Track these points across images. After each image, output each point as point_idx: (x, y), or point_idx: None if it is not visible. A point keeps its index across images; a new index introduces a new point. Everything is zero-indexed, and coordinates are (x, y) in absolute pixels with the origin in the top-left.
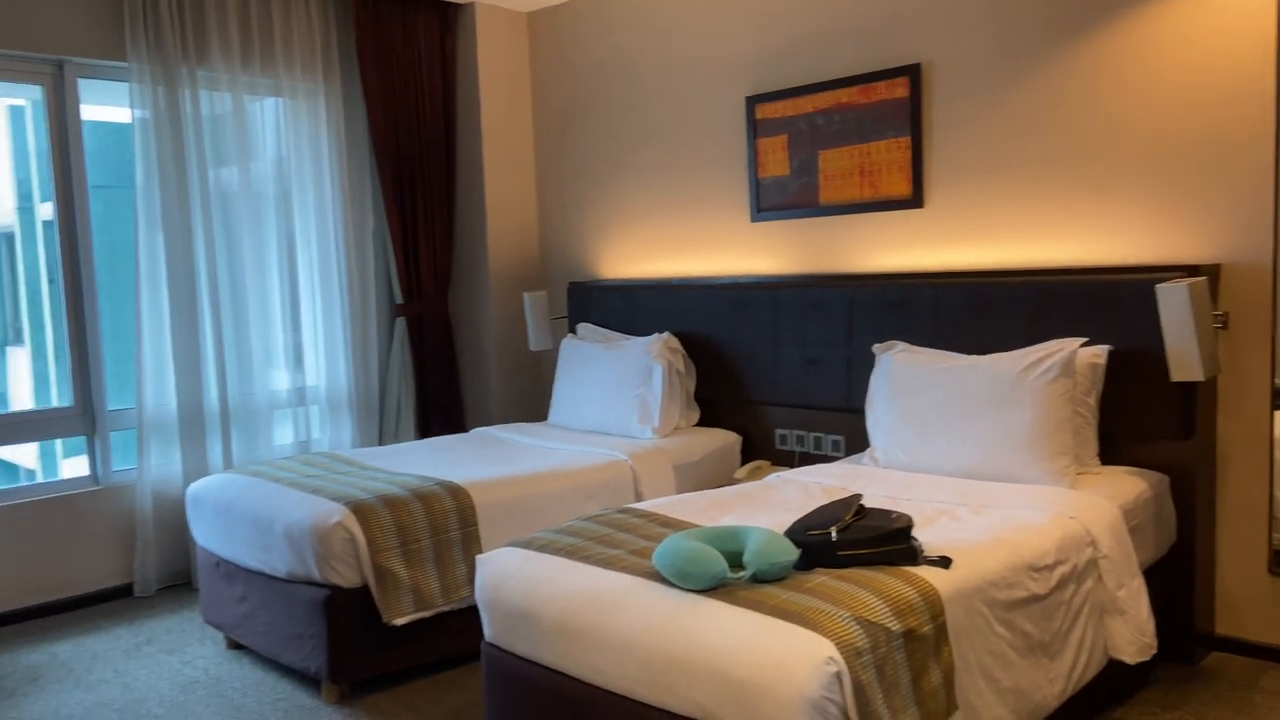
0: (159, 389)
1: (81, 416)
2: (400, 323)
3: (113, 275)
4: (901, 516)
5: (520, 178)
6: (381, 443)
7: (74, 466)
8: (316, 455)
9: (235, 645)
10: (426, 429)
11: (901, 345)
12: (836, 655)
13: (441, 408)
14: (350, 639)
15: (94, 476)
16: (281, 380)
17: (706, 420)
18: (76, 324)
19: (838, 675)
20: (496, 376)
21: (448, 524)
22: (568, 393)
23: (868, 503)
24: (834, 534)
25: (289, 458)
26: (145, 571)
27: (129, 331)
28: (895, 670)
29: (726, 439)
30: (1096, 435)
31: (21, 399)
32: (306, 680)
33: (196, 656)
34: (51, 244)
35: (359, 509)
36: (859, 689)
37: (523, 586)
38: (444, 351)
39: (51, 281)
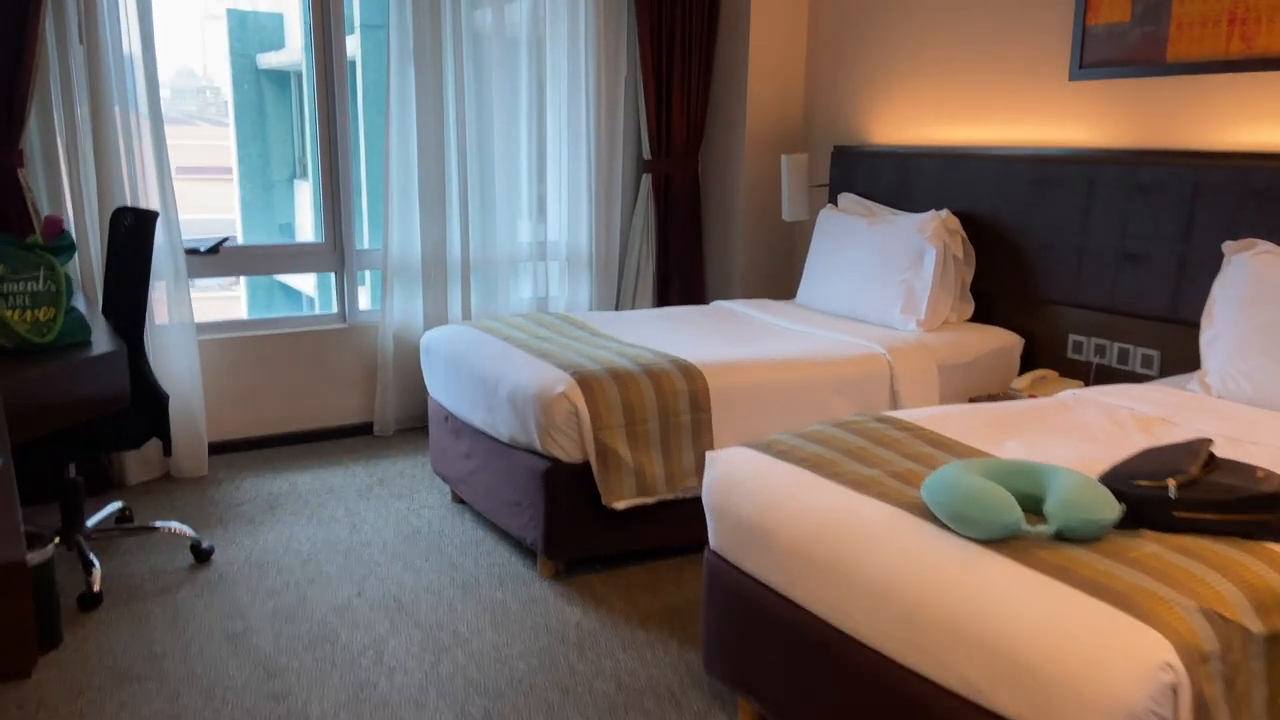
0: (405, 232)
1: (332, 253)
2: (646, 180)
3: (376, 116)
4: (1273, 476)
5: (790, 24)
6: (618, 307)
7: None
8: (550, 316)
9: (459, 499)
10: (664, 297)
11: (1265, 246)
12: (1175, 660)
13: (681, 275)
14: (568, 515)
15: (341, 314)
16: (523, 233)
17: (980, 316)
18: (329, 161)
19: (1173, 687)
20: (743, 246)
21: (678, 406)
22: (821, 270)
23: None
24: (1173, 490)
25: (522, 315)
26: (385, 413)
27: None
28: (1249, 685)
29: (1005, 340)
30: None
31: (305, 230)
32: (523, 549)
33: (422, 506)
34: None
35: (585, 380)
36: (1201, 707)
37: (757, 497)
38: (689, 215)
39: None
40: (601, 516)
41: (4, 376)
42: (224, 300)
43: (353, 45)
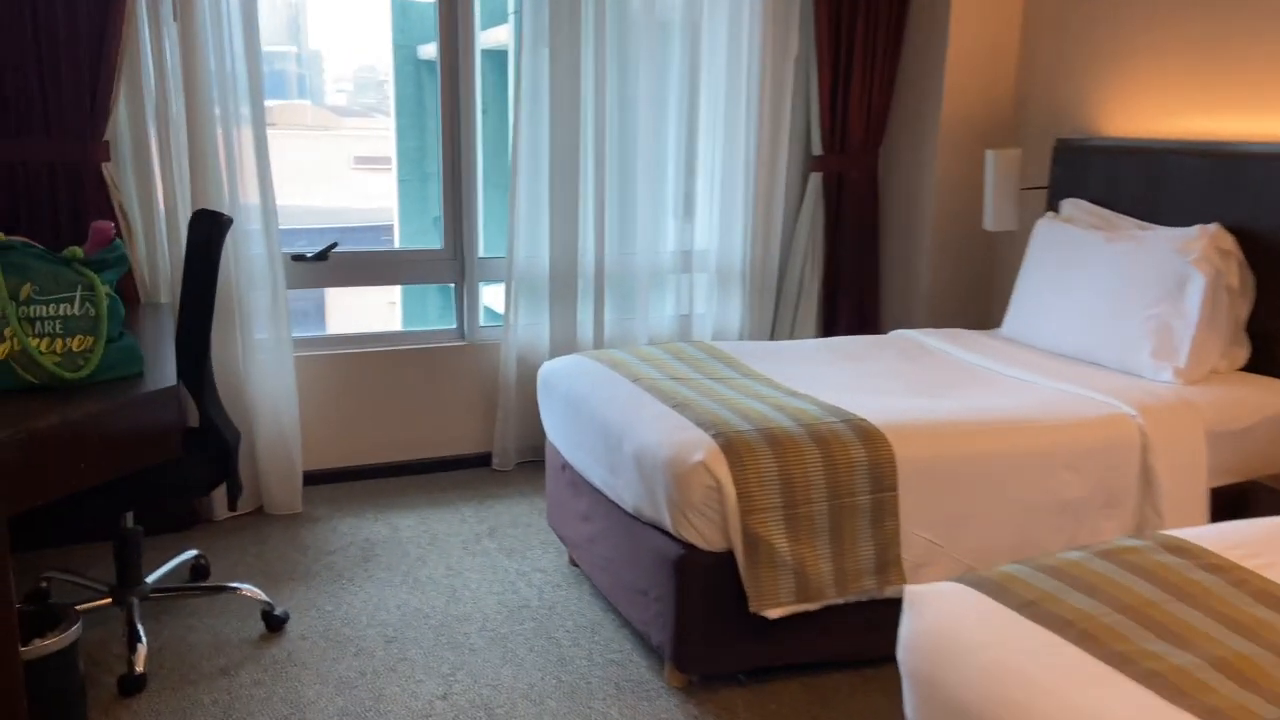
0: (532, 238)
1: (451, 260)
2: (814, 180)
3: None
4: None
5: None
6: (774, 333)
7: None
8: (692, 347)
9: (576, 563)
10: (831, 321)
11: None
12: None
13: (853, 294)
14: (705, 618)
15: (460, 330)
16: (667, 240)
17: (1257, 365)
18: (451, 156)
19: None
20: (931, 261)
21: (853, 483)
22: (1038, 296)
23: None
24: None
25: (659, 345)
26: (504, 443)
27: (501, 174)
28: None
29: None
30: None
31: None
32: (648, 646)
33: (534, 568)
34: (490, 71)
35: (732, 445)
36: None
37: (992, 682)
38: (865, 221)
39: (485, 111)
40: (749, 622)
41: (18, 420)
42: (378, 308)
43: (499, 35)
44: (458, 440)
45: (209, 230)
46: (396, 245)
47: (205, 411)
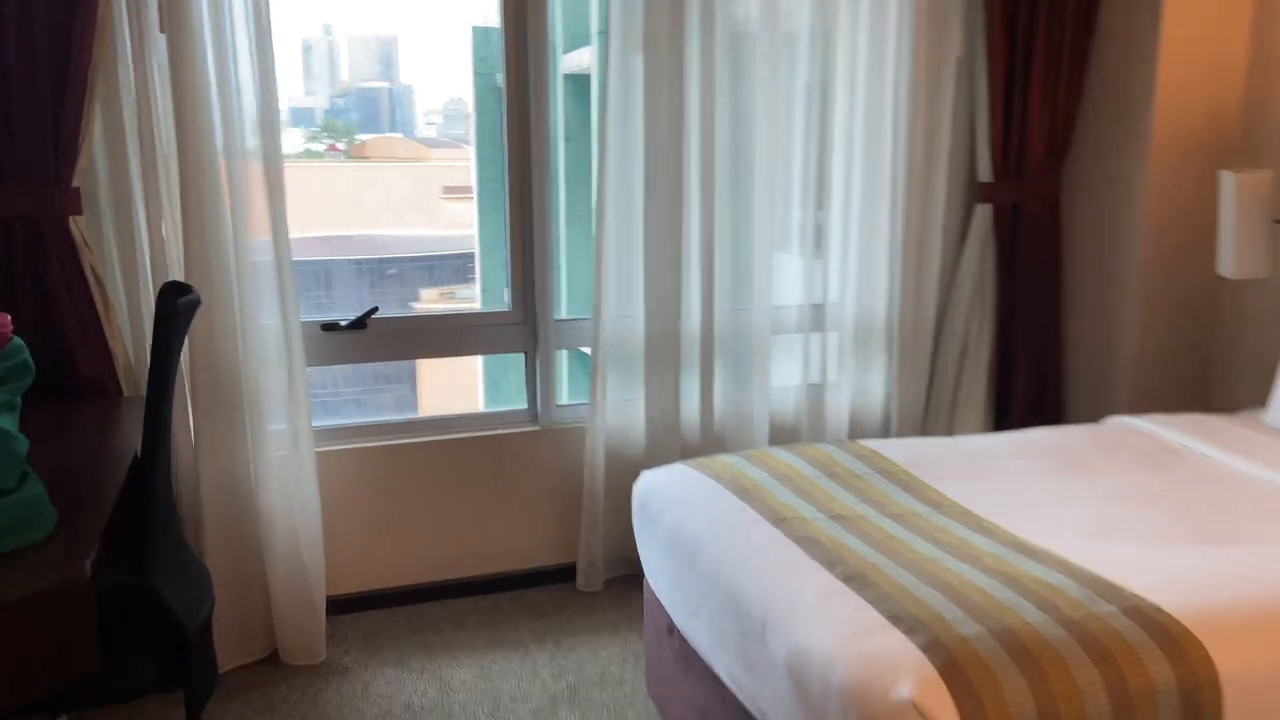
0: (624, 295)
1: (520, 325)
2: (981, 213)
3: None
4: None
5: None
6: (929, 408)
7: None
8: (843, 452)
9: None
10: (1005, 395)
11: None
12: None
13: (1031, 359)
14: None
15: (532, 412)
16: (791, 292)
17: None
18: (520, 193)
19: None
20: (1138, 316)
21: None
22: None
23: None
24: None
25: (796, 449)
26: (591, 555)
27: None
28: None
29: None
30: None
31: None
32: None
33: None
34: (572, 98)
35: (957, 668)
36: None
37: None
38: (1047, 265)
39: (568, 139)
40: None
41: None
42: (451, 391)
43: (584, 58)
44: (529, 552)
45: (169, 314)
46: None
47: (148, 578)
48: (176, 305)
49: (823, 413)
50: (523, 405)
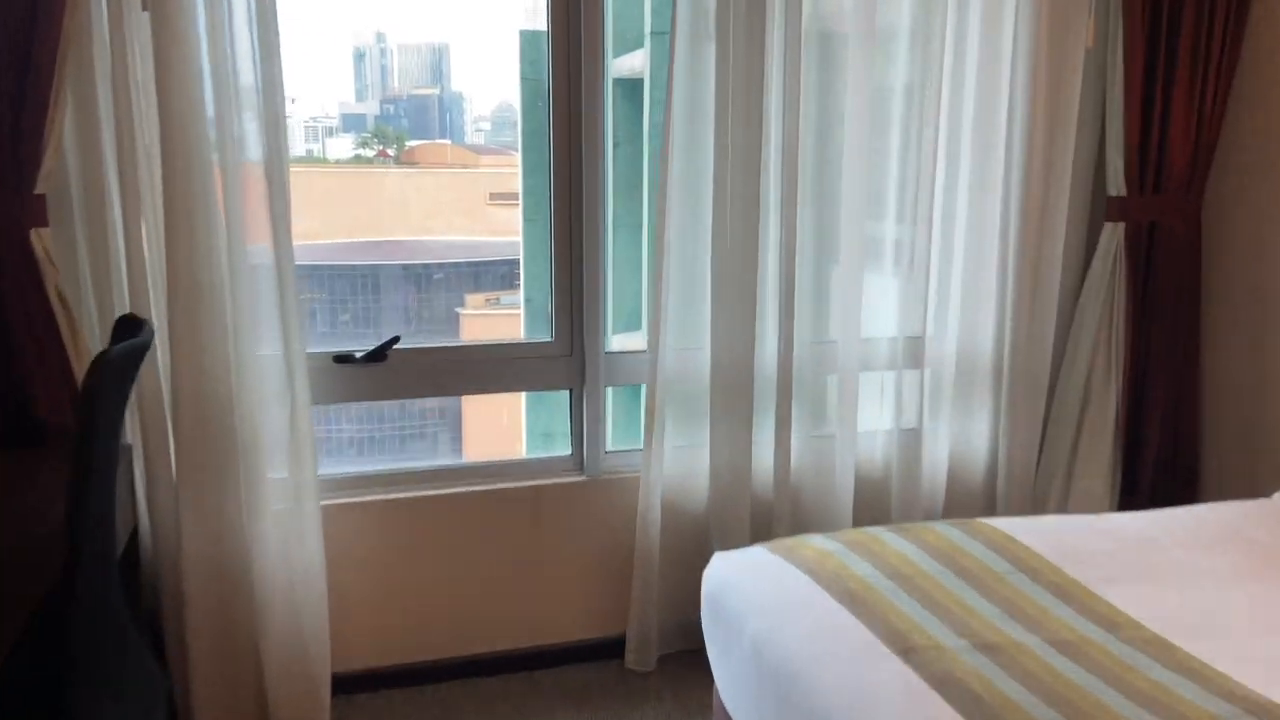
0: (686, 326)
1: (566, 358)
2: (1111, 233)
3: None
4: None
5: None
6: (1042, 459)
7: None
8: (970, 538)
9: None
10: (1135, 446)
11: None
12: None
13: (1168, 405)
14: None
15: (577, 460)
16: (882, 324)
17: None
18: (566, 208)
19: None
20: None
21: None
22: None
23: None
24: None
25: (909, 531)
26: (643, 625)
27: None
28: None
29: None
30: None
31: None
32: None
33: None
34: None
35: None
36: None
37: None
38: (1184, 292)
39: (617, 145)
40: None
41: None
42: (493, 433)
43: (634, 62)
44: (570, 623)
45: (99, 367)
46: (521, 284)
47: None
48: (107, 361)
49: (918, 465)
50: (566, 451)
